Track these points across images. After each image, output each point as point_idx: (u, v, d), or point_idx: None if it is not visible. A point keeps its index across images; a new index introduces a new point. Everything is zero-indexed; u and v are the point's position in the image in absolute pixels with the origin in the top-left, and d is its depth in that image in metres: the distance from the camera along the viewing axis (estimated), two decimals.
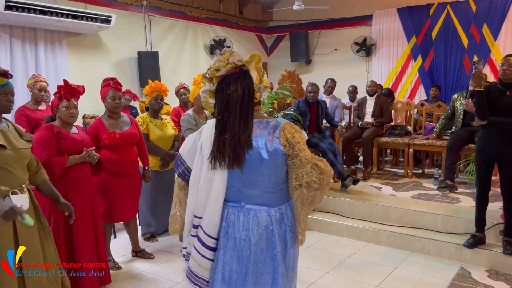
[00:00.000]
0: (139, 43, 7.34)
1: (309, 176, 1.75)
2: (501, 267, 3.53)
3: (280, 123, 1.79)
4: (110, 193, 3.47)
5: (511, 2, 7.29)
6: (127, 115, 3.70)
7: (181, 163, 1.95)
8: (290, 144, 1.75)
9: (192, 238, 1.87)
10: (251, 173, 1.76)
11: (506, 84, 3.41)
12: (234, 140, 1.73)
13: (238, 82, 1.78)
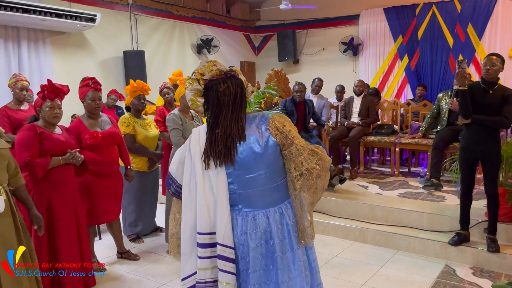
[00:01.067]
0: (125, 42, 7.28)
1: (308, 163, 1.67)
2: (485, 265, 3.57)
3: (267, 114, 1.74)
4: (93, 194, 3.42)
5: (496, 2, 7.38)
6: (106, 115, 3.63)
7: (172, 181, 1.85)
8: (281, 133, 1.68)
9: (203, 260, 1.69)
10: (246, 172, 1.68)
11: (488, 83, 3.45)
12: (226, 133, 1.68)
13: (229, 81, 1.73)
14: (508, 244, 3.67)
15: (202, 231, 1.69)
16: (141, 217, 4.27)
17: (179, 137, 3.86)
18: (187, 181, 1.75)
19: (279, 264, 1.69)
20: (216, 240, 1.68)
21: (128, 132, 4.01)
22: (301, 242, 1.75)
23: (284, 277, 1.68)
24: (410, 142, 5.59)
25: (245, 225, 1.70)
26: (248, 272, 1.70)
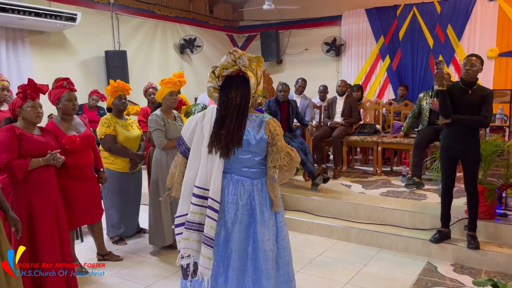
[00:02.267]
0: (106, 42, 7.19)
1: (282, 161, 2.24)
2: (465, 261, 3.63)
3: (265, 118, 2.26)
4: (71, 198, 3.30)
5: (474, 3, 7.53)
6: (77, 117, 3.53)
7: (182, 143, 2.38)
8: (272, 134, 2.22)
9: (196, 207, 2.25)
10: (241, 154, 2.24)
11: (467, 83, 3.51)
12: (228, 138, 2.19)
13: (239, 90, 2.22)
14: (488, 241, 3.75)
15: (199, 185, 2.26)
16: (124, 218, 4.22)
17: (162, 138, 3.83)
18: (194, 147, 2.31)
19: (258, 219, 2.27)
20: (208, 195, 2.23)
21: (108, 133, 3.95)
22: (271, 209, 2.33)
23: (260, 229, 2.27)
24: (392, 142, 5.66)
25: (236, 188, 2.28)
26: (235, 223, 2.26)
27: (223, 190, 2.28)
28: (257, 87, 2.27)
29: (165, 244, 3.95)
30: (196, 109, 4.95)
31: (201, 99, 5.57)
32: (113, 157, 4.04)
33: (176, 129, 3.96)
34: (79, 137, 3.25)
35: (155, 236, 3.92)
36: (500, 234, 3.75)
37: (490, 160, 3.88)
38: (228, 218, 2.27)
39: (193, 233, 2.26)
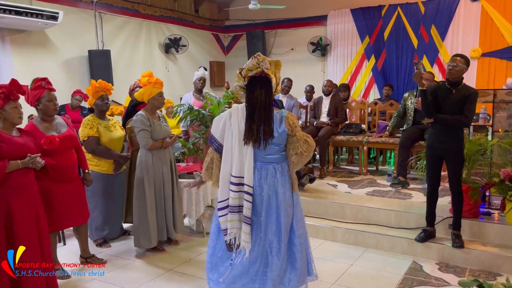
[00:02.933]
0: (89, 41, 7.07)
1: (302, 148, 2.65)
2: (450, 260, 3.66)
3: (284, 113, 2.66)
4: (53, 200, 3.24)
5: (457, 4, 7.62)
6: (60, 117, 3.47)
7: (215, 141, 2.74)
8: (291, 127, 2.62)
9: (235, 193, 2.63)
10: None
11: (452, 83, 3.54)
12: (260, 129, 2.58)
13: (263, 89, 2.60)
14: (472, 239, 3.78)
15: (235, 175, 2.64)
16: (108, 221, 4.15)
17: (148, 139, 3.78)
18: (228, 143, 2.67)
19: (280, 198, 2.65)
20: (243, 181, 2.62)
21: (91, 135, 3.89)
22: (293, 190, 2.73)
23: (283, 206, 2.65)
24: (377, 141, 5.69)
25: (260, 173, 2.65)
26: (263, 202, 2.64)
27: (256, 177, 2.66)
28: (276, 86, 2.67)
29: (150, 246, 3.90)
30: (182, 109, 4.90)
31: (185, 99, 5.51)
32: (96, 158, 3.97)
33: (161, 129, 3.91)
34: (58, 138, 3.18)
35: (140, 238, 3.87)
36: (484, 233, 3.79)
37: (474, 159, 3.91)
38: (257, 199, 2.65)
39: (236, 215, 2.67)
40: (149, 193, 3.82)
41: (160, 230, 3.93)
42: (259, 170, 2.67)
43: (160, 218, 3.91)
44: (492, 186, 3.82)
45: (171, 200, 3.99)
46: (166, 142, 3.90)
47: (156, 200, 3.87)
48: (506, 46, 7.29)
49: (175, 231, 4.06)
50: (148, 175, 3.82)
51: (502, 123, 4.17)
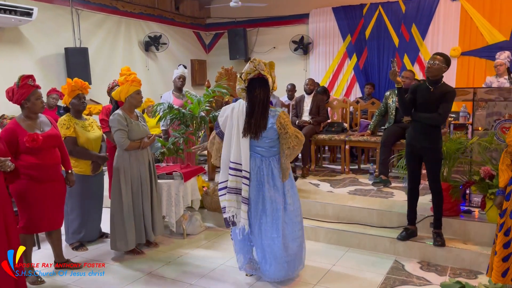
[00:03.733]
0: (66, 39, 6.89)
1: (292, 143, 3.09)
2: (432, 258, 3.66)
3: (277, 111, 3.09)
4: (33, 201, 3.18)
5: (437, 3, 7.68)
6: (44, 116, 3.40)
7: (218, 127, 3.25)
8: (282, 125, 3.07)
9: (233, 176, 3.11)
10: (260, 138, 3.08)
11: (431, 81, 3.53)
12: (257, 124, 3.04)
13: (261, 88, 3.05)
14: (453, 237, 3.79)
15: (234, 161, 3.11)
16: (85, 223, 4.03)
17: (125, 138, 3.68)
18: (228, 131, 3.16)
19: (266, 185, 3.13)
20: (241, 168, 3.09)
21: (68, 135, 3.78)
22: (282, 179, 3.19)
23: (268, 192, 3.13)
24: (359, 140, 5.68)
25: (259, 163, 3.14)
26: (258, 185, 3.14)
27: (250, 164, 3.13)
28: (273, 85, 3.11)
29: (127, 249, 3.80)
30: (161, 108, 4.79)
31: (165, 98, 5.41)
32: (74, 159, 3.86)
33: (139, 129, 3.81)
34: (41, 136, 3.13)
35: (117, 241, 3.76)
36: (464, 231, 3.80)
37: (454, 157, 3.92)
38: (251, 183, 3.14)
39: (233, 195, 3.15)
40: (126, 194, 3.72)
41: (138, 232, 3.83)
42: (253, 159, 3.14)
43: (138, 220, 3.81)
44: (473, 184, 3.83)
45: (149, 202, 3.89)
46: (144, 142, 3.80)
47: (134, 201, 3.77)
48: (485, 45, 7.38)
49: (154, 233, 3.97)
50: (125, 176, 3.72)
51: (481, 121, 4.19)
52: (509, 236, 2.82)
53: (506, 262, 2.84)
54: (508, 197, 2.87)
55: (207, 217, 4.78)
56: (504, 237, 2.85)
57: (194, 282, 3.37)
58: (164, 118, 4.88)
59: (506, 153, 2.94)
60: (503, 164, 2.94)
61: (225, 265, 3.68)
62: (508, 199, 2.87)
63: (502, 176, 2.93)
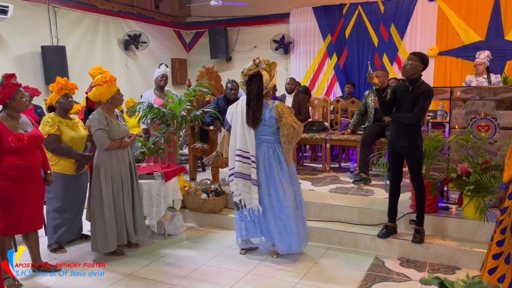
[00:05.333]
0: (42, 37, 6.75)
1: (287, 131, 3.49)
2: (411, 255, 3.72)
3: (275, 103, 3.53)
4: (13, 202, 3.12)
5: (415, 4, 7.81)
6: (25, 116, 3.34)
7: (227, 123, 3.73)
8: (279, 114, 3.48)
9: (241, 163, 3.55)
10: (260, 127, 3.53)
11: (410, 81, 3.58)
12: (253, 115, 3.48)
13: (256, 83, 3.50)
14: (432, 234, 3.86)
15: (240, 148, 3.56)
16: (65, 223, 3.96)
17: (105, 138, 3.63)
18: (234, 124, 3.63)
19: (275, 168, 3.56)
20: (249, 155, 3.52)
21: (52, 133, 3.72)
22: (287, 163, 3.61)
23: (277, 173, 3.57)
24: (340, 139, 5.73)
25: (259, 149, 3.57)
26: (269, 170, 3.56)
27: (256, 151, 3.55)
28: (270, 81, 3.53)
29: (108, 250, 3.74)
30: (141, 107, 4.74)
31: (146, 97, 5.35)
32: (57, 158, 3.80)
33: (120, 129, 3.76)
34: (26, 136, 3.11)
35: (98, 242, 3.70)
36: (442, 227, 3.87)
37: (433, 155, 3.99)
38: (259, 169, 3.56)
39: (240, 179, 3.56)
40: (107, 195, 3.67)
41: (119, 233, 3.78)
42: (258, 146, 3.56)
43: (119, 221, 3.76)
44: (450, 182, 3.91)
45: (130, 202, 3.85)
46: (124, 142, 3.76)
47: (115, 202, 3.72)
48: (461, 45, 7.55)
49: (136, 234, 3.92)
50: (105, 177, 3.67)
51: (458, 120, 4.28)
52: (504, 235, 2.84)
53: (496, 260, 2.87)
54: (510, 196, 2.82)
55: (189, 217, 4.75)
56: (500, 235, 2.87)
57: (175, 282, 3.35)
58: (145, 117, 4.83)
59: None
60: (510, 159, 2.86)
61: (207, 265, 3.67)
62: (511, 197, 2.82)
63: (507, 171, 2.86)
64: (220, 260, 3.76)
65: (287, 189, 3.57)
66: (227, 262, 3.71)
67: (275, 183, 3.55)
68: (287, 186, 3.58)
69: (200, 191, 4.76)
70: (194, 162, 5.69)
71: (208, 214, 4.63)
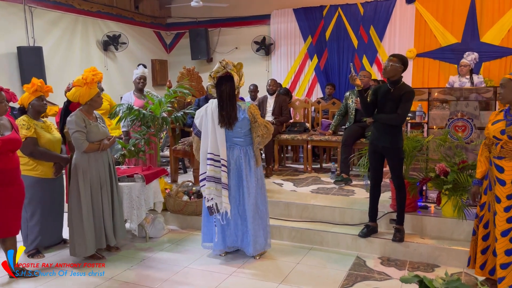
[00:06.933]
0: (18, 37, 6.59)
1: (261, 131, 3.57)
2: (392, 254, 3.77)
3: (248, 104, 3.59)
4: None
5: (393, 6, 7.92)
6: (6, 118, 3.26)
7: (195, 128, 3.69)
8: (252, 115, 3.55)
9: (212, 166, 3.56)
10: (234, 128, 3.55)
11: (391, 82, 3.63)
12: (228, 115, 3.50)
13: (228, 83, 3.51)
14: (412, 232, 3.92)
15: (211, 151, 3.56)
16: (44, 227, 3.87)
17: (83, 140, 3.57)
18: (204, 128, 3.61)
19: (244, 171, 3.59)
20: (219, 158, 3.53)
21: (29, 136, 3.63)
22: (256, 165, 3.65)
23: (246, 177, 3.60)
24: (321, 139, 5.77)
25: (230, 152, 3.60)
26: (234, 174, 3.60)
27: (227, 154, 3.57)
28: (240, 81, 3.56)
29: (87, 254, 3.68)
30: (121, 109, 4.68)
31: (126, 98, 5.28)
32: (34, 162, 3.72)
33: (99, 130, 3.71)
34: (2, 139, 3.06)
35: (76, 246, 3.64)
36: (422, 226, 3.94)
37: (412, 155, 4.05)
38: (230, 171, 3.59)
39: (212, 183, 3.58)
40: (85, 198, 3.60)
41: (99, 237, 3.72)
42: (229, 149, 3.59)
43: (98, 224, 3.70)
44: (429, 181, 3.97)
45: (110, 205, 3.79)
46: (103, 144, 3.70)
47: (93, 205, 3.66)
48: (438, 47, 7.69)
49: (115, 237, 3.87)
50: (84, 179, 3.61)
51: (436, 120, 4.36)
52: (488, 229, 2.95)
53: (484, 254, 2.98)
54: (485, 191, 2.98)
55: (170, 219, 4.71)
56: (483, 229, 2.98)
57: (157, 286, 3.31)
58: (124, 119, 4.76)
59: (484, 145, 3.03)
60: (482, 156, 3.03)
61: (189, 268, 3.64)
62: (486, 193, 2.97)
63: (480, 167, 3.03)
64: (202, 262, 3.73)
65: (251, 193, 3.61)
66: (209, 264, 3.69)
67: (243, 186, 3.60)
68: (252, 190, 3.61)
69: (182, 193, 4.72)
70: (175, 164, 5.64)
71: (190, 216, 4.59)
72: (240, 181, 3.61)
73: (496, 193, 2.84)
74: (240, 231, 3.72)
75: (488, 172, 2.98)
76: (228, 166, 3.58)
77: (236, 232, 3.73)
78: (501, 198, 2.81)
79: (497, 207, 2.83)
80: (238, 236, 3.73)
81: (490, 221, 2.93)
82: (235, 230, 3.72)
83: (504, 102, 2.87)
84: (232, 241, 3.76)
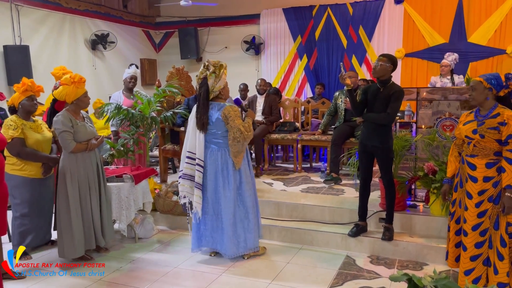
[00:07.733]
0: (5, 36, 6.50)
1: (234, 134, 3.49)
2: (381, 252, 3.79)
3: (224, 105, 3.53)
4: None
5: (382, 6, 7.97)
6: None
7: None
8: (226, 116, 3.49)
9: (189, 164, 3.58)
10: (209, 129, 3.57)
11: (380, 81, 3.65)
12: (201, 119, 3.54)
13: (203, 87, 3.53)
14: (401, 231, 3.94)
15: (189, 150, 3.60)
16: (34, 230, 3.82)
17: (70, 140, 3.53)
18: (188, 127, 3.68)
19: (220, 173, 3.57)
20: (195, 156, 3.56)
21: (16, 136, 3.58)
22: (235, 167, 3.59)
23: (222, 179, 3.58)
24: (311, 139, 5.79)
25: (211, 153, 3.59)
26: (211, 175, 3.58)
27: (205, 154, 3.59)
28: (216, 84, 3.52)
29: (76, 256, 3.64)
30: (109, 109, 4.63)
31: (115, 98, 5.23)
32: (22, 162, 3.67)
33: (86, 130, 3.67)
34: None
35: (65, 248, 3.60)
36: (410, 224, 3.97)
37: (401, 154, 4.08)
38: (207, 171, 3.59)
39: (187, 181, 3.61)
40: (73, 199, 3.56)
41: (87, 238, 3.68)
42: (208, 149, 3.59)
43: (87, 225, 3.67)
44: (417, 180, 4.00)
45: (98, 206, 3.75)
46: (91, 144, 3.66)
47: (82, 206, 3.62)
48: (426, 47, 7.76)
49: (104, 238, 3.83)
50: (72, 180, 3.57)
51: (425, 119, 4.39)
52: (460, 224, 3.02)
53: (458, 248, 3.04)
54: (456, 188, 3.07)
55: (160, 219, 4.68)
56: (455, 225, 3.07)
57: (146, 287, 3.29)
58: (113, 119, 4.72)
59: (454, 145, 3.12)
60: (452, 155, 3.13)
61: (179, 268, 3.62)
62: (456, 190, 3.06)
63: (450, 166, 3.13)
64: (192, 263, 3.72)
65: (228, 196, 3.56)
66: (199, 264, 3.68)
67: (218, 187, 3.58)
68: (228, 193, 3.55)
69: (171, 193, 4.69)
70: (165, 164, 5.61)
71: (180, 217, 4.57)
72: (216, 182, 3.58)
73: (467, 189, 2.92)
74: (216, 233, 3.67)
75: (459, 170, 3.05)
76: (205, 166, 3.57)
77: (212, 234, 3.68)
78: (473, 194, 2.88)
79: (468, 202, 2.91)
80: (215, 238, 3.68)
81: (461, 216, 3.00)
82: (212, 231, 3.68)
83: (475, 103, 2.91)
84: (207, 242, 3.72)
